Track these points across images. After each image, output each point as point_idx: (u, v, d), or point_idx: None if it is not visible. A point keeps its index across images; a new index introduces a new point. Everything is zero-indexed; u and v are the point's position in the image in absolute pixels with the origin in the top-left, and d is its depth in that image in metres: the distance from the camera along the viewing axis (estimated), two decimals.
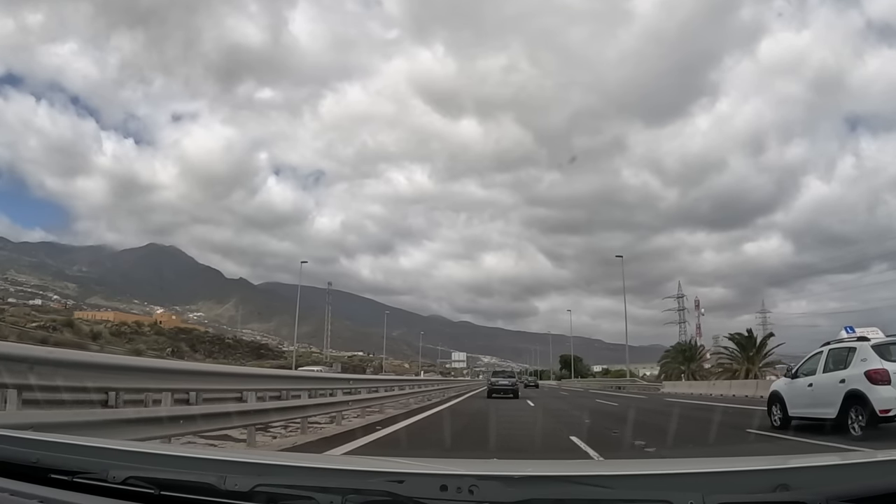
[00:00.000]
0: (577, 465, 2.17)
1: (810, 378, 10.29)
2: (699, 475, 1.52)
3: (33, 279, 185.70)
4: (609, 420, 14.10)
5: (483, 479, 1.35)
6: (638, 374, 64.68)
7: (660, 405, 20.57)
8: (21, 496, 1.45)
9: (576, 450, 8.01)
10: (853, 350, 9.49)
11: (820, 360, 10.25)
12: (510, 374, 31.23)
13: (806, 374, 10.58)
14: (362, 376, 28.17)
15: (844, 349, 9.83)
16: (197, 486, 1.41)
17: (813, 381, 10.16)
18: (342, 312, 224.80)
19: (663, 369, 61.86)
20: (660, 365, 66.55)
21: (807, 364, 10.82)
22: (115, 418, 4.48)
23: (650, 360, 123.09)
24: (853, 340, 10.04)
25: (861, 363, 9.07)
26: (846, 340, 10.38)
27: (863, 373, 8.85)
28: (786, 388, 11.03)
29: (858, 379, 8.86)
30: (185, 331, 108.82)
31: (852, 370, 9.17)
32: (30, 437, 1.82)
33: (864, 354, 9.19)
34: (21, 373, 3.93)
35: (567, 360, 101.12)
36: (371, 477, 1.48)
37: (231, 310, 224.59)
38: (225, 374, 9.80)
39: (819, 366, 10.19)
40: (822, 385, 9.82)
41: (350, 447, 7.65)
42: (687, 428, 11.28)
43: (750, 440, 9.55)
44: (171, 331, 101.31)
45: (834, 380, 9.47)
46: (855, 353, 9.38)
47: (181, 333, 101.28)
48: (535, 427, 12.18)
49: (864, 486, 1.27)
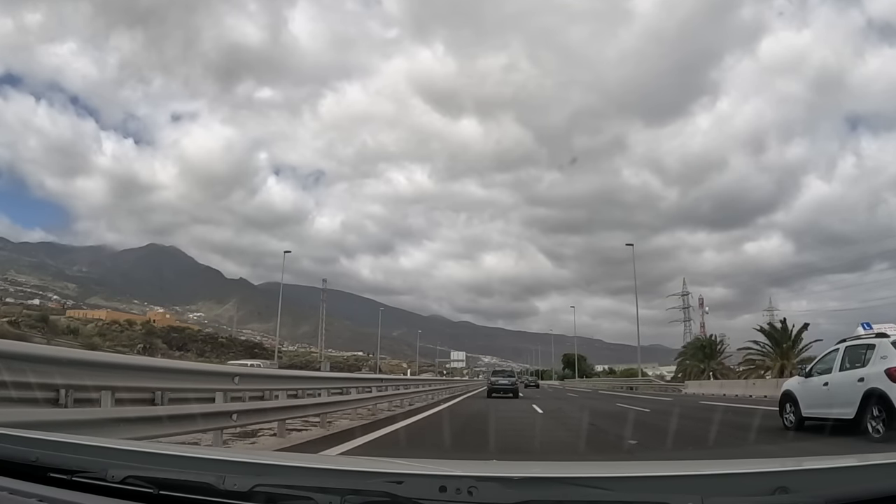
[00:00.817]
0: (576, 467, 2.17)
1: (826, 377, 9.85)
2: (698, 477, 1.52)
3: (33, 279, 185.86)
4: (659, 437, 9.66)
5: (482, 481, 1.35)
6: (638, 373, 62.26)
7: (702, 411, 16.58)
8: (20, 495, 1.45)
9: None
10: (872, 347, 9.03)
11: (836, 358, 9.82)
12: (510, 374, 31.71)
13: (821, 372, 10.17)
14: (318, 374, 20.97)
15: (862, 346, 9.37)
16: (196, 485, 1.42)
17: (829, 379, 9.71)
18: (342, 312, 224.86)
19: (680, 367, 57.82)
20: (676, 363, 62.25)
21: (822, 362, 10.46)
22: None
23: (651, 360, 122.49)
24: (871, 337, 9.49)
25: (881, 360, 8.62)
26: (864, 337, 9.80)
27: (883, 370, 8.42)
28: (799, 387, 10.62)
29: (879, 377, 8.41)
30: (178, 329, 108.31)
31: (871, 368, 8.72)
32: (29, 436, 1.82)
33: (884, 351, 8.74)
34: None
35: (570, 360, 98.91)
36: (370, 477, 1.48)
37: (231, 310, 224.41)
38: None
39: (835, 364, 9.75)
40: (838, 384, 9.37)
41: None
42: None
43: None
44: (162, 329, 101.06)
45: (852, 378, 9.03)
46: (874, 350, 8.91)
47: (173, 332, 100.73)
48: (556, 451, 8.32)
49: (863, 489, 1.27)
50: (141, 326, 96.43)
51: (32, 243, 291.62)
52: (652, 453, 7.68)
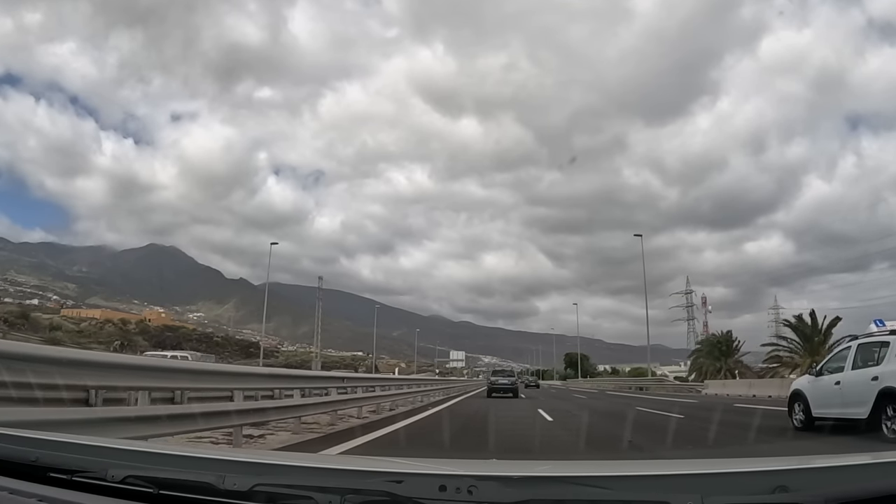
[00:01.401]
0: (576, 466, 2.17)
1: (837, 375, 9.62)
2: (698, 476, 1.52)
3: (33, 279, 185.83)
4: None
5: (482, 480, 1.35)
6: (648, 373, 60.55)
7: (754, 417, 13.00)
8: (20, 495, 1.45)
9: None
10: (886, 345, 8.81)
11: (848, 357, 9.58)
12: (510, 374, 32.24)
13: (832, 371, 9.95)
14: (263, 370, 13.31)
15: (876, 344, 9.13)
16: (196, 485, 1.42)
17: (841, 378, 9.47)
18: (342, 312, 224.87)
19: (694, 366, 55.66)
20: (690, 361, 60.25)
21: (832, 360, 10.25)
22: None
23: (653, 360, 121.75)
24: (885, 334, 9.31)
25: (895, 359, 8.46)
26: (877, 335, 9.59)
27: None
28: (809, 386, 10.36)
29: (893, 375, 8.26)
30: (172, 328, 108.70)
31: (886, 366, 8.51)
32: (29, 436, 1.83)
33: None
34: None
35: (572, 360, 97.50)
36: (370, 477, 1.48)
37: (231, 310, 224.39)
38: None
39: (847, 362, 9.52)
40: (851, 383, 9.15)
41: None
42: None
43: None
44: (156, 328, 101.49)
45: (865, 377, 8.81)
46: (888, 347, 8.71)
47: (167, 331, 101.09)
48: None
49: (863, 487, 1.27)
50: (135, 325, 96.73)
51: (32, 243, 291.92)
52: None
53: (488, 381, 30.73)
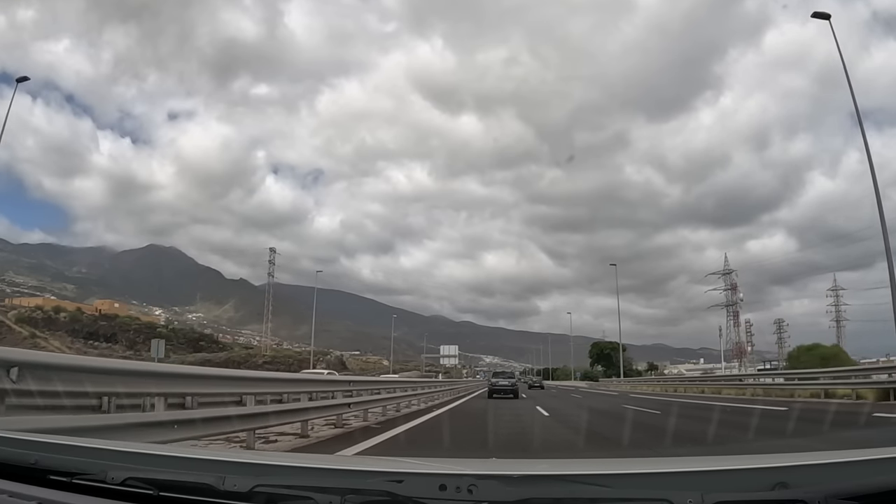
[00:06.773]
0: (575, 465, 2.17)
1: None
2: (698, 474, 1.52)
3: (32, 280, 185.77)
4: None
5: (482, 479, 1.35)
6: (673, 372, 54.01)
7: None
8: (20, 497, 1.45)
9: None
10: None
11: None
12: (510, 375, 32.82)
13: None
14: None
15: None
16: (196, 486, 1.42)
17: None
18: (343, 312, 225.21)
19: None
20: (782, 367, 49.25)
21: None
22: None
23: (654, 359, 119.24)
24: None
25: None
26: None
27: None
28: None
29: None
30: (108, 317, 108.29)
31: None
32: (28, 439, 1.82)
33: None
34: None
35: (602, 351, 74.00)
36: (370, 477, 1.49)
37: (230, 310, 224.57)
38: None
39: None
40: None
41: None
42: None
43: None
44: (89, 318, 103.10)
45: None
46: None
47: (101, 320, 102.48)
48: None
49: (863, 483, 1.27)
50: (66, 314, 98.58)
51: (32, 244, 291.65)
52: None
53: (489, 383, 31.55)
